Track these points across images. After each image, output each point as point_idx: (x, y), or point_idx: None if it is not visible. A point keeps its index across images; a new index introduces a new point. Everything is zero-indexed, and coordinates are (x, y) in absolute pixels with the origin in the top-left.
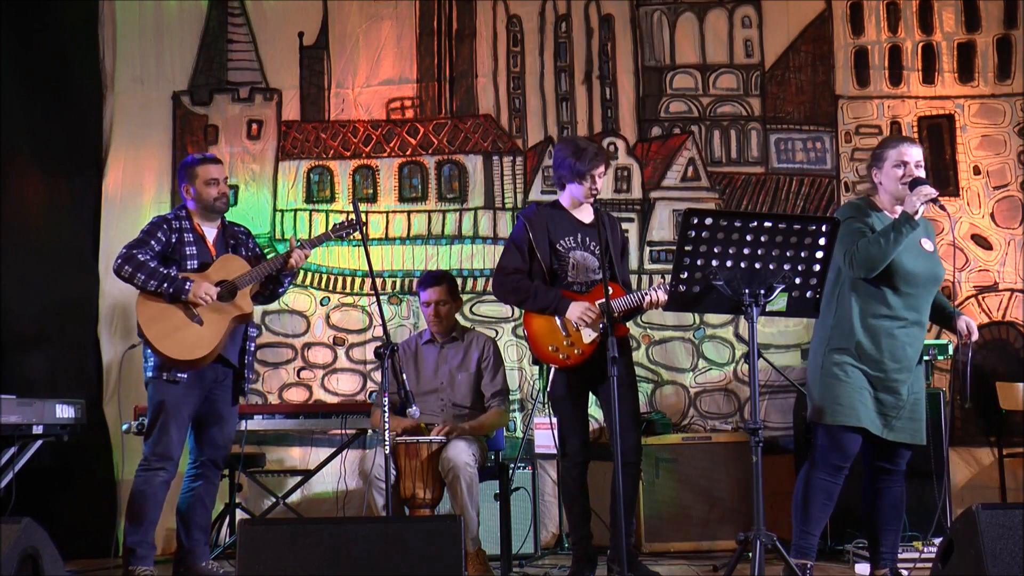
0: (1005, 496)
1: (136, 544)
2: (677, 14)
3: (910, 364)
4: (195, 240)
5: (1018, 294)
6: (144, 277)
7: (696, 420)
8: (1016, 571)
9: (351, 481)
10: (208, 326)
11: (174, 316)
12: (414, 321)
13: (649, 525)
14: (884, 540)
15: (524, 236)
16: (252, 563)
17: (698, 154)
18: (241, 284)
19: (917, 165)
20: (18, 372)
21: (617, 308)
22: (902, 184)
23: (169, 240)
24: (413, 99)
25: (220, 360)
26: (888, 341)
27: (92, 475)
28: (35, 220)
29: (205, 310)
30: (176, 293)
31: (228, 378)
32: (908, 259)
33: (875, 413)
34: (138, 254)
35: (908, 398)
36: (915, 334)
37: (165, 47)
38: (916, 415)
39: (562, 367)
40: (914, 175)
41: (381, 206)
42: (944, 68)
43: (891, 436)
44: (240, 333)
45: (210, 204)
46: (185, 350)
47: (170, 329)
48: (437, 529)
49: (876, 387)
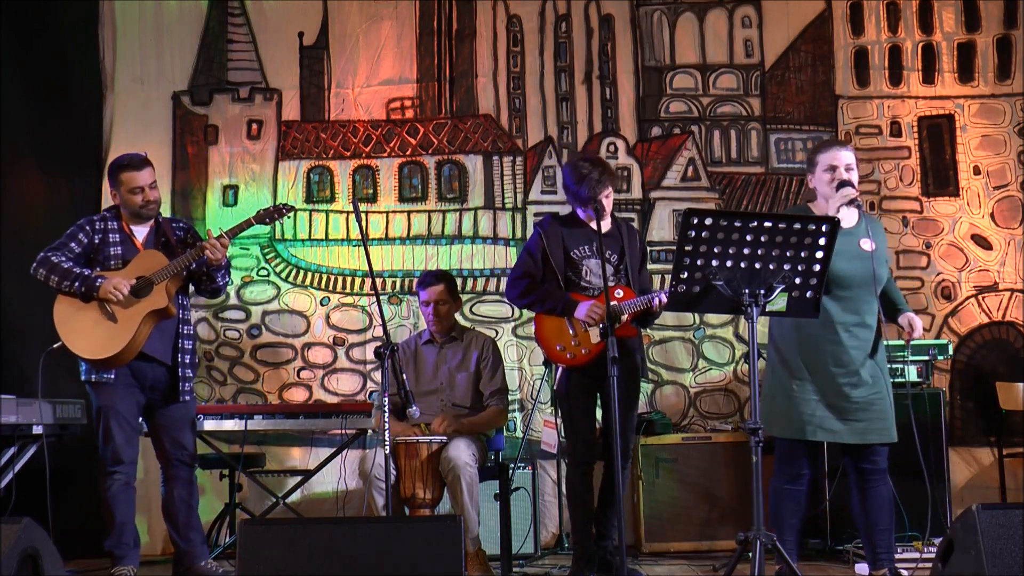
0: (1005, 496)
1: (113, 547)
2: (677, 14)
3: (857, 367)
4: (121, 240)
5: (1018, 294)
6: (57, 278)
7: (696, 420)
8: (1016, 571)
9: (351, 481)
10: (122, 323)
11: (88, 315)
12: (414, 321)
13: (649, 525)
14: (878, 541)
15: (539, 245)
16: (252, 563)
17: (698, 154)
18: (157, 279)
19: (847, 168)
20: (18, 372)
21: (626, 310)
22: (831, 187)
23: (91, 241)
24: (413, 99)
25: (152, 359)
26: (830, 347)
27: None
28: (35, 220)
29: (119, 307)
30: (87, 291)
31: (166, 377)
32: (841, 262)
33: (834, 420)
34: (52, 256)
35: (864, 399)
36: (859, 335)
37: (165, 47)
38: (881, 414)
39: (570, 366)
40: (841, 178)
41: (381, 206)
42: (944, 68)
43: (857, 439)
44: (170, 330)
45: (135, 211)
46: (98, 348)
47: (83, 328)
48: (437, 529)
49: (826, 394)
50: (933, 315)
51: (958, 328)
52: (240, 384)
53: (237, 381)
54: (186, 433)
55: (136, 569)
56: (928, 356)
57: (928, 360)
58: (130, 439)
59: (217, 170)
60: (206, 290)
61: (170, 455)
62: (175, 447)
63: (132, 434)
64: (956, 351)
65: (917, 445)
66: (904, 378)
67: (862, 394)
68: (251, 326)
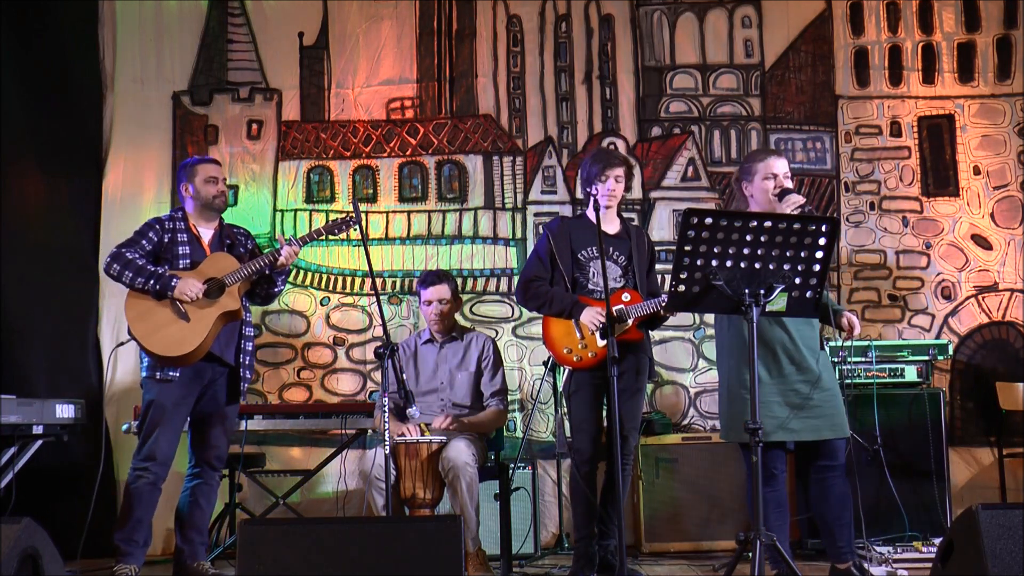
0: (1005, 496)
1: (121, 541)
2: (677, 14)
3: (809, 364)
4: (189, 240)
5: (1018, 294)
6: (131, 275)
7: (696, 420)
8: (1016, 571)
9: (351, 481)
10: (195, 323)
11: (161, 313)
12: (414, 321)
13: (649, 525)
14: (839, 535)
15: (547, 247)
16: (252, 563)
17: (698, 154)
18: (229, 281)
19: (786, 176)
20: (18, 372)
21: (632, 314)
22: (772, 196)
23: (161, 240)
24: (413, 99)
25: (215, 359)
26: (783, 348)
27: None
28: (35, 220)
29: (192, 307)
30: (162, 290)
31: (224, 378)
32: None
33: (794, 420)
34: (127, 252)
35: (820, 397)
36: (806, 333)
37: (165, 47)
38: (834, 408)
39: (576, 368)
40: (783, 186)
41: (381, 206)
42: (944, 68)
43: (813, 436)
44: (234, 332)
45: (209, 201)
46: (171, 346)
47: (157, 326)
48: (437, 529)
49: (781, 395)
50: (933, 315)
51: (958, 328)
52: None
53: None
54: (227, 434)
55: (138, 569)
56: (928, 356)
57: (928, 360)
58: (171, 439)
59: None
60: (261, 294)
61: (203, 455)
62: (210, 448)
63: (174, 435)
64: (956, 351)
65: (930, 445)
66: (903, 378)
67: (817, 391)
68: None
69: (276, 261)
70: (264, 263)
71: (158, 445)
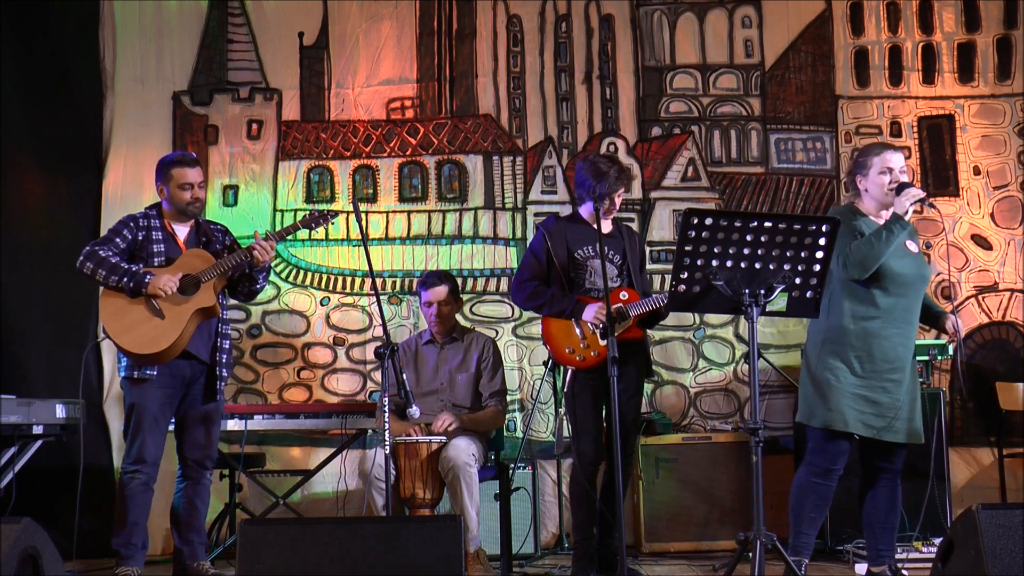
0: (1005, 496)
1: (120, 546)
2: (677, 14)
3: (903, 364)
4: (164, 238)
5: (1018, 294)
6: (105, 273)
7: (696, 420)
8: (1016, 571)
9: (351, 481)
10: (169, 320)
11: (136, 311)
12: (414, 321)
13: (649, 525)
14: (882, 538)
15: (543, 246)
16: (252, 563)
17: (698, 154)
18: (204, 277)
19: (901, 171)
20: (18, 372)
21: (633, 312)
22: (888, 190)
23: (135, 238)
24: (413, 99)
25: (192, 357)
26: (880, 342)
27: (92, 475)
28: (35, 220)
29: (167, 304)
30: (136, 287)
31: (203, 376)
32: (895, 261)
33: (871, 415)
34: (100, 250)
35: (904, 398)
36: (907, 333)
37: (165, 47)
38: (913, 415)
39: (578, 368)
40: (900, 180)
41: (381, 206)
42: (944, 68)
43: (889, 437)
44: (211, 329)
45: (182, 208)
46: (146, 344)
47: (131, 324)
48: (437, 529)
49: (870, 389)
50: None
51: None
52: (240, 384)
53: (237, 381)
54: (212, 434)
55: (140, 571)
56: (928, 356)
57: (928, 360)
58: (157, 440)
59: (217, 170)
60: (243, 292)
61: (190, 455)
62: (196, 448)
63: (160, 435)
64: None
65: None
66: None
67: (903, 393)
68: (251, 326)
69: (252, 257)
70: (240, 259)
71: (146, 447)
